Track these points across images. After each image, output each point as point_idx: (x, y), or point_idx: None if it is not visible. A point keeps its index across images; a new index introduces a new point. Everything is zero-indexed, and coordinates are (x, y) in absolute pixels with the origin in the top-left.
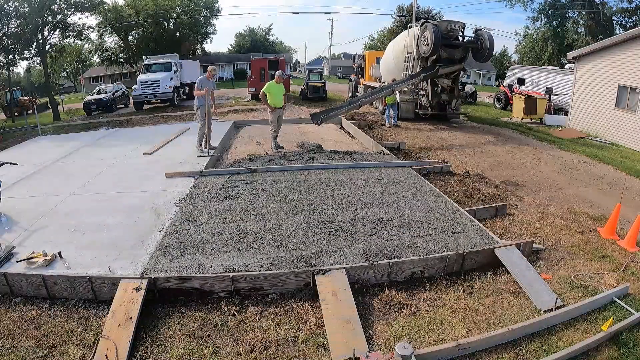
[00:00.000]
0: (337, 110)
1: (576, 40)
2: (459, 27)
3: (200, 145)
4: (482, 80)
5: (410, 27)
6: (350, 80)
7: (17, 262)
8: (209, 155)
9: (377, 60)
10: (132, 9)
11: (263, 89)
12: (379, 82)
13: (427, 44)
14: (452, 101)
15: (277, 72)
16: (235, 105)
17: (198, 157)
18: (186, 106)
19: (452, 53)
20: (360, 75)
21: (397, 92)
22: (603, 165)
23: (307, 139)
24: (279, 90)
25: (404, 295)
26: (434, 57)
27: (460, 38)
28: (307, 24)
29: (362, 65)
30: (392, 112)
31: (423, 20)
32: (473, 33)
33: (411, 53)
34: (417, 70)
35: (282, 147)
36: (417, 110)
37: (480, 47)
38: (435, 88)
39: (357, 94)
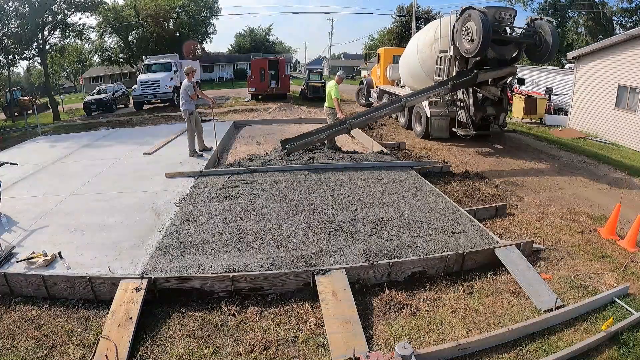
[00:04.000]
0: (314, 136)
1: (576, 40)
2: (509, 15)
3: (195, 151)
4: None
5: (442, 16)
6: (362, 82)
7: (17, 262)
8: (203, 155)
9: (395, 59)
10: (132, 9)
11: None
12: (397, 85)
13: (473, 40)
14: (499, 115)
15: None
16: (235, 105)
17: (198, 157)
18: None
19: (502, 51)
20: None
21: (425, 104)
22: (603, 165)
23: None
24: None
25: (404, 295)
26: (479, 57)
27: (510, 31)
28: (307, 24)
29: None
30: None
31: (465, 6)
32: (526, 24)
33: (446, 51)
34: (453, 74)
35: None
36: (454, 129)
37: (539, 44)
38: (479, 99)
39: (369, 99)
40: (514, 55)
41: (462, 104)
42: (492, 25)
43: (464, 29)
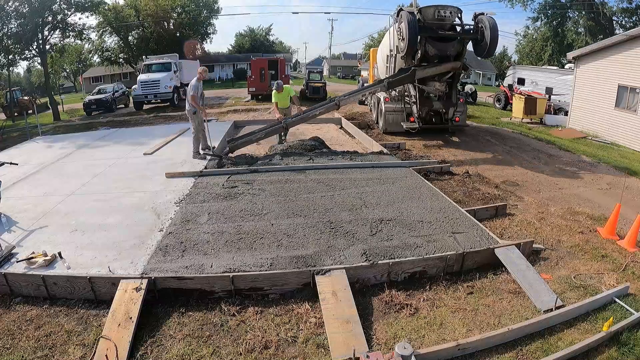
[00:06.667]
0: (252, 135)
1: (576, 40)
2: (450, 13)
3: (199, 152)
4: (482, 80)
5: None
6: (359, 81)
7: (17, 262)
8: (211, 155)
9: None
10: (132, 9)
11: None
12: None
13: (403, 39)
14: (448, 110)
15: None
16: (235, 105)
17: (204, 156)
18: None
19: (444, 48)
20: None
21: (382, 100)
22: (603, 165)
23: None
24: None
25: (404, 295)
26: (418, 54)
27: (458, 27)
28: (307, 24)
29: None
30: None
31: (399, 8)
32: (472, 19)
33: (393, 51)
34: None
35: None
36: (402, 123)
37: (480, 39)
38: (425, 94)
39: (363, 97)
40: (459, 51)
41: (413, 100)
42: (429, 23)
43: (398, 29)
